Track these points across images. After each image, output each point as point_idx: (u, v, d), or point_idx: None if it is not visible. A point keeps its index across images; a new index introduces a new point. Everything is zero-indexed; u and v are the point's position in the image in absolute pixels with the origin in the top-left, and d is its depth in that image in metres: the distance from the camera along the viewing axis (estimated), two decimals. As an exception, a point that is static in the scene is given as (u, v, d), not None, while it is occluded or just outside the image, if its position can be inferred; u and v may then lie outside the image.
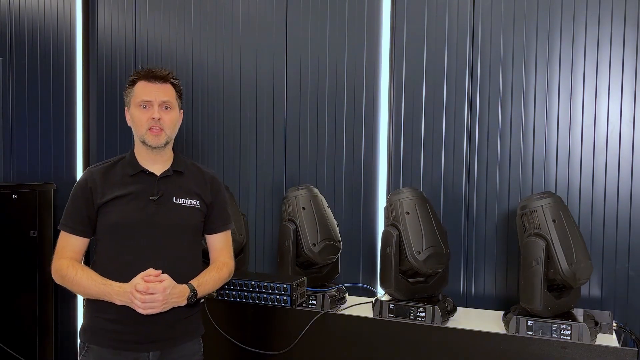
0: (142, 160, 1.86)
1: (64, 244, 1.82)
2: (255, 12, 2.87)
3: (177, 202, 1.85)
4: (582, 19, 2.28)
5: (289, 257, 2.38)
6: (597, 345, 1.88)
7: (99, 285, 1.72)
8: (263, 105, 2.87)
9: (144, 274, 1.71)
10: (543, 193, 2.04)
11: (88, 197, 1.80)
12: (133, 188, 1.81)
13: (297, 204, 2.41)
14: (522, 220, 2.02)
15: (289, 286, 2.23)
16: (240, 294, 2.31)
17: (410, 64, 2.56)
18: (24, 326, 3.13)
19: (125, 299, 1.70)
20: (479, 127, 2.44)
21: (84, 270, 1.76)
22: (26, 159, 3.47)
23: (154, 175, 1.85)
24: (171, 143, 1.90)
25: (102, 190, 1.80)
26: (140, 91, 1.83)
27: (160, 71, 1.85)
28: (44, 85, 3.41)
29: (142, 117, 1.82)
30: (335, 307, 2.34)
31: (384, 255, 2.21)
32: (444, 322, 2.15)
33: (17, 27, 3.48)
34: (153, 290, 1.68)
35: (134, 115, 1.84)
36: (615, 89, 2.24)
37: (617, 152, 2.24)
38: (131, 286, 1.69)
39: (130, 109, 1.86)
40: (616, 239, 2.24)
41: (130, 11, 3.17)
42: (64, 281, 1.77)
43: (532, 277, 1.95)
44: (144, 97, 1.82)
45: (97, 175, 1.82)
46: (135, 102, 1.84)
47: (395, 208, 2.21)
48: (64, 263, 1.77)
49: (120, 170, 1.85)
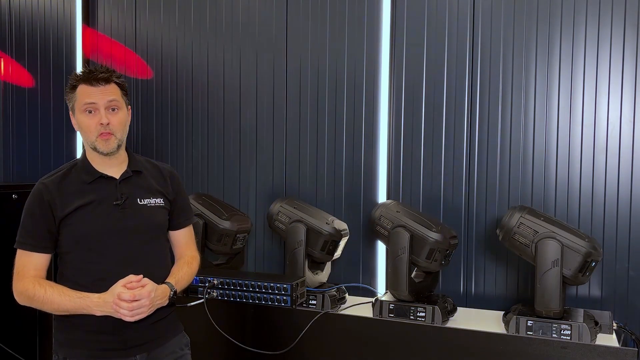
0: (98, 166, 1.76)
1: (24, 263, 1.70)
2: (255, 12, 2.87)
3: (142, 204, 1.79)
4: (582, 19, 2.28)
5: (302, 256, 2.41)
6: (597, 345, 1.88)
7: (75, 300, 1.64)
8: (263, 105, 2.87)
9: (124, 281, 1.64)
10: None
11: (46, 212, 1.69)
12: (94, 195, 1.72)
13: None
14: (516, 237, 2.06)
15: (289, 286, 2.23)
16: (240, 294, 2.31)
17: (410, 64, 2.56)
18: (24, 326, 3.13)
19: (107, 309, 1.63)
20: (479, 127, 2.44)
21: (53, 287, 1.66)
22: (26, 159, 3.48)
23: (113, 179, 1.76)
24: (124, 145, 1.80)
25: (62, 202, 1.69)
26: (83, 95, 1.71)
27: (102, 72, 1.73)
28: (44, 85, 3.41)
29: (90, 123, 1.71)
30: (335, 307, 2.34)
31: (395, 257, 2.19)
32: (444, 322, 2.15)
33: (17, 27, 3.48)
34: (139, 296, 1.64)
35: (80, 121, 1.73)
36: (615, 89, 2.24)
37: (617, 152, 2.24)
38: (112, 295, 1.62)
39: (76, 115, 1.74)
40: (616, 239, 2.24)
41: (130, 11, 3.17)
42: (32, 302, 1.67)
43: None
44: (87, 100, 1.70)
45: (52, 187, 1.70)
46: (79, 107, 1.72)
47: (386, 215, 2.27)
48: (28, 283, 1.66)
49: (75, 179, 1.74)
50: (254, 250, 2.90)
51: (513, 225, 2.04)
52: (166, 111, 3.09)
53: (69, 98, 1.76)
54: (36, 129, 3.43)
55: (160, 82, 3.10)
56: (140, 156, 1.90)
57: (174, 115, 3.07)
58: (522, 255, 2.06)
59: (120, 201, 1.74)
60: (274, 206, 2.53)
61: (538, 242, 1.98)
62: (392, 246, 2.21)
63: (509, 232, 2.05)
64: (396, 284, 2.18)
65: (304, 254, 2.39)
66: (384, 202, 2.41)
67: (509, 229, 2.05)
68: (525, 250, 2.02)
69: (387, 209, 2.29)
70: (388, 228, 2.25)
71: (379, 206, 2.35)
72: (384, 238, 2.31)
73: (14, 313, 3.07)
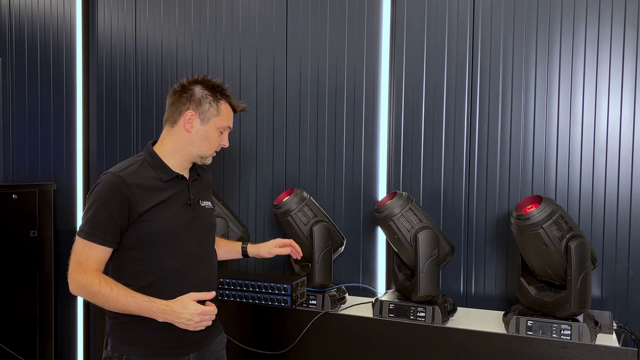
0: (173, 165, 1.79)
1: (88, 255, 1.66)
2: (255, 12, 2.88)
3: (203, 205, 1.85)
4: (582, 19, 2.28)
5: (331, 258, 2.40)
6: (597, 345, 1.88)
7: (142, 303, 1.64)
8: (263, 105, 2.87)
9: (198, 295, 1.69)
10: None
11: (125, 206, 1.66)
12: (169, 193, 1.74)
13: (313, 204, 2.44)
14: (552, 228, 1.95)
15: (289, 286, 2.23)
16: (240, 294, 2.31)
17: (410, 64, 2.56)
18: (24, 326, 3.13)
19: (171, 318, 1.65)
20: (479, 127, 2.44)
21: (118, 287, 1.64)
22: (26, 159, 3.48)
23: (184, 179, 1.81)
24: None
25: (142, 197, 1.68)
26: (227, 116, 1.81)
27: (241, 104, 1.87)
28: (44, 85, 3.41)
29: (216, 141, 1.81)
30: (335, 307, 2.34)
31: (427, 258, 2.14)
32: (444, 322, 2.15)
33: (17, 27, 3.48)
34: (214, 311, 1.73)
35: (210, 134, 1.78)
36: (615, 89, 2.24)
37: (617, 152, 2.24)
38: (183, 307, 1.65)
39: (207, 126, 1.77)
40: (616, 239, 2.24)
41: (130, 11, 3.17)
42: (92, 297, 1.65)
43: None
44: (229, 124, 1.83)
45: (131, 181, 1.68)
46: (217, 124, 1.79)
47: (406, 214, 2.18)
48: (94, 278, 1.64)
49: (150, 175, 1.74)
50: (254, 250, 2.90)
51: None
52: (166, 111, 3.09)
53: (206, 106, 1.77)
54: (36, 129, 3.43)
55: (160, 82, 3.10)
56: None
57: (174, 115, 3.07)
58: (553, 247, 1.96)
59: (192, 202, 1.80)
60: (291, 200, 2.38)
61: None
62: (424, 247, 2.13)
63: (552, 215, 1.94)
64: (431, 285, 2.14)
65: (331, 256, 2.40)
66: (398, 198, 2.22)
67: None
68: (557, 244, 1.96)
69: (407, 208, 2.19)
70: (413, 227, 2.16)
71: (396, 202, 2.19)
72: (401, 237, 2.18)
73: (14, 313, 3.07)
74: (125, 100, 3.20)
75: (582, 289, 1.90)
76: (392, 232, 2.19)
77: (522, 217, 1.94)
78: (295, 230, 2.36)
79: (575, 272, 1.89)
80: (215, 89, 1.79)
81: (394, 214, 2.16)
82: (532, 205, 1.96)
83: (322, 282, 2.33)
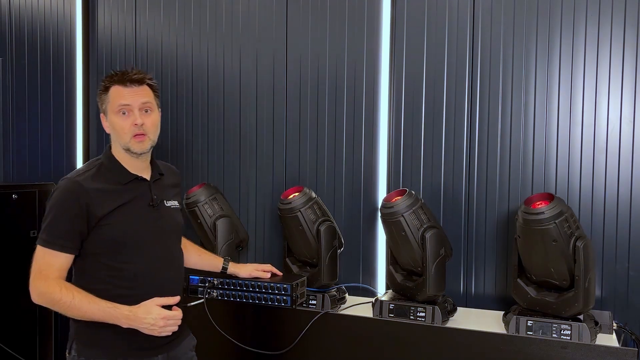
0: (129, 167, 1.76)
1: (49, 263, 1.64)
2: (255, 12, 2.87)
3: (168, 205, 1.82)
4: (582, 19, 2.28)
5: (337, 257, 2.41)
6: (597, 345, 1.88)
7: (105, 309, 1.62)
8: (263, 105, 2.87)
9: (161, 300, 1.68)
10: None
11: (82, 211, 1.64)
12: (129, 196, 1.72)
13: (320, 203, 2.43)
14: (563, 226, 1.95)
15: (289, 286, 2.22)
16: (240, 294, 2.31)
17: (410, 64, 2.56)
18: (24, 326, 3.13)
19: (135, 323, 1.64)
20: (479, 127, 2.44)
21: (80, 293, 1.63)
22: (26, 159, 3.47)
23: (145, 180, 1.78)
24: (153, 146, 1.82)
25: (100, 201, 1.66)
26: (116, 97, 1.72)
27: (136, 73, 1.74)
28: (44, 85, 3.41)
29: (124, 124, 1.71)
30: (335, 307, 2.34)
31: (436, 257, 2.14)
32: (444, 322, 2.15)
33: (17, 27, 3.48)
34: (179, 315, 1.71)
35: (114, 122, 1.73)
36: (615, 89, 2.24)
37: (617, 152, 2.24)
38: (146, 312, 1.64)
39: (109, 116, 1.74)
40: (616, 239, 2.24)
41: (130, 11, 3.17)
42: (54, 305, 1.64)
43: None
44: (122, 102, 1.71)
45: (88, 185, 1.67)
46: (113, 109, 1.72)
47: (418, 211, 2.16)
48: (54, 286, 1.62)
49: (109, 179, 1.73)
50: (254, 250, 2.90)
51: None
52: (166, 111, 3.09)
53: (101, 100, 1.76)
54: (36, 129, 3.43)
55: (160, 81, 3.10)
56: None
57: (173, 115, 3.07)
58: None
59: (155, 203, 1.77)
60: (300, 197, 2.36)
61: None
62: (433, 246, 2.13)
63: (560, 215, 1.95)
64: (439, 284, 2.15)
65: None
66: (409, 195, 2.20)
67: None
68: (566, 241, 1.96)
69: (418, 205, 2.17)
70: (422, 226, 2.15)
71: (407, 199, 2.17)
72: (409, 234, 2.16)
73: (14, 313, 3.07)
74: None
75: (590, 288, 1.93)
76: (399, 229, 2.16)
77: (533, 211, 1.94)
78: (302, 228, 2.34)
79: (584, 271, 1.91)
80: (104, 81, 1.76)
81: (405, 210, 2.14)
82: (541, 202, 1.97)
83: (329, 282, 2.35)
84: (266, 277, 2.18)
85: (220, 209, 2.60)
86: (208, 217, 2.55)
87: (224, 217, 2.56)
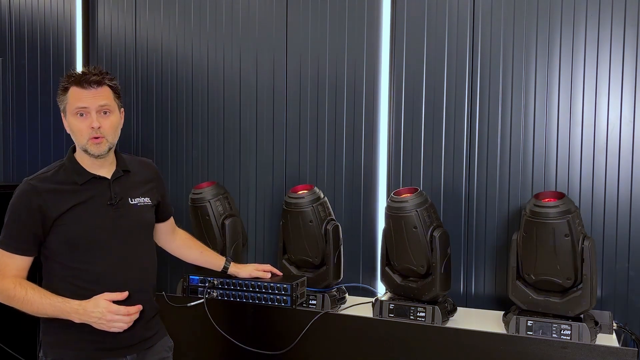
0: (88, 167, 1.74)
1: (6, 263, 1.67)
2: (255, 12, 2.87)
3: (132, 203, 1.79)
4: (582, 19, 2.28)
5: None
6: (597, 345, 1.88)
7: (55, 304, 1.63)
8: (263, 105, 2.87)
9: (110, 295, 1.65)
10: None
11: (35, 214, 1.64)
12: (86, 195, 1.70)
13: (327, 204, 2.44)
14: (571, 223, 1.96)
15: (289, 286, 2.22)
16: (240, 294, 2.31)
17: (410, 64, 2.56)
18: (24, 326, 3.12)
19: (86, 318, 1.62)
20: (479, 127, 2.44)
21: (34, 289, 1.65)
22: (26, 159, 3.47)
23: (105, 179, 1.75)
24: (114, 148, 1.79)
25: (54, 203, 1.66)
26: (74, 98, 1.68)
27: (94, 74, 1.70)
28: (44, 85, 3.41)
29: (81, 127, 1.68)
30: (335, 307, 2.34)
31: (444, 256, 2.16)
32: (444, 322, 2.15)
33: (17, 27, 3.48)
34: (133, 309, 1.68)
35: (71, 124, 1.71)
36: (615, 89, 2.24)
37: (617, 152, 2.24)
38: (95, 306, 1.62)
39: (67, 117, 1.72)
40: (616, 239, 2.24)
41: (130, 11, 3.17)
42: (10, 301, 1.67)
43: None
44: (79, 104, 1.68)
45: (42, 187, 1.67)
46: (70, 110, 1.69)
47: (427, 210, 2.17)
48: (9, 283, 1.65)
49: (66, 179, 1.72)
50: (254, 250, 2.90)
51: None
52: (166, 111, 3.09)
53: (60, 100, 1.74)
54: (36, 129, 3.43)
55: (160, 81, 3.10)
56: (125, 154, 1.90)
57: (173, 115, 3.07)
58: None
59: (113, 201, 1.74)
60: (311, 193, 2.35)
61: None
62: (442, 245, 2.13)
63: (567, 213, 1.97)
64: (446, 284, 2.17)
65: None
66: (421, 194, 2.21)
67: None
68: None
69: (429, 204, 2.19)
70: (431, 224, 2.16)
71: (419, 196, 2.18)
72: (420, 231, 2.15)
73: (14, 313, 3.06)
74: (125, 100, 3.20)
75: (595, 287, 1.96)
76: (411, 224, 2.14)
77: (545, 204, 1.95)
78: (312, 224, 2.32)
79: (593, 270, 1.93)
80: (63, 81, 1.73)
81: (418, 206, 2.14)
82: (551, 199, 1.99)
83: (336, 281, 2.36)
84: (266, 277, 2.18)
85: (230, 209, 2.60)
86: (219, 214, 2.54)
87: (232, 216, 2.57)
